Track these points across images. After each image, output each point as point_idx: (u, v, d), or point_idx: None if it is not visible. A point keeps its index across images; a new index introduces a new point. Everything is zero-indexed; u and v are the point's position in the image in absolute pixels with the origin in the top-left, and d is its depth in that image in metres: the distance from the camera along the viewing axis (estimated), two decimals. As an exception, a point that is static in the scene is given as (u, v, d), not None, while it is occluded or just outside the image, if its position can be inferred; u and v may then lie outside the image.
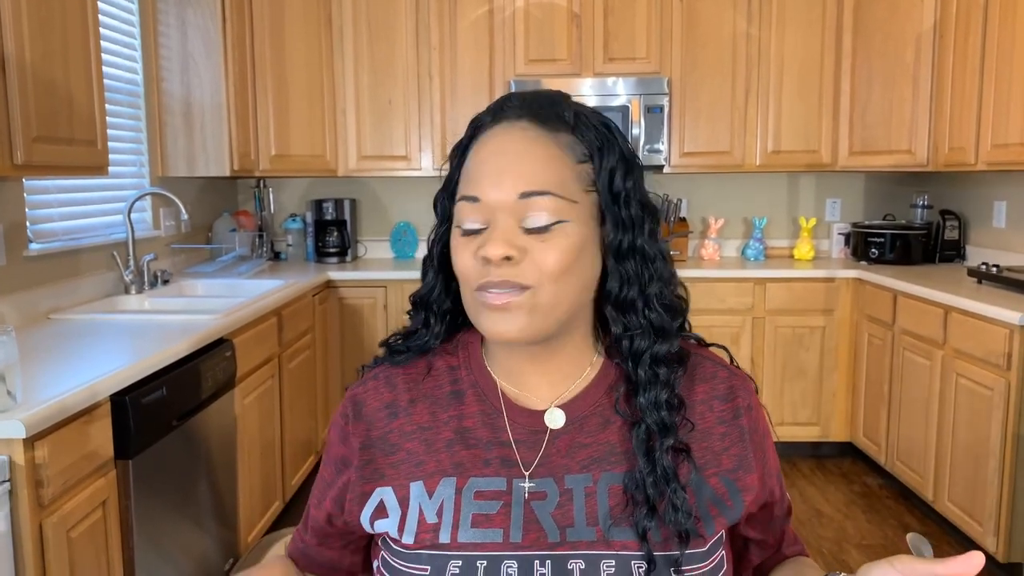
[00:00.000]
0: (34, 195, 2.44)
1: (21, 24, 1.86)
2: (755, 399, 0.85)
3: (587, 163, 0.77)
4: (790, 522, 0.91)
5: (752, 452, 0.81)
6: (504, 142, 0.76)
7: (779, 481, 0.88)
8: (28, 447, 1.46)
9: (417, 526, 0.76)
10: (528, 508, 0.76)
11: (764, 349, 3.65)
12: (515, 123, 0.77)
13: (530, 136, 0.76)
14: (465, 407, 0.82)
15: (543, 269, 0.73)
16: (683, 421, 0.78)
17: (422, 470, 0.79)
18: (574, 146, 0.77)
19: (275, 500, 2.91)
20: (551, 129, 0.76)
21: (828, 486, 3.45)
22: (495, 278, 0.73)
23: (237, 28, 3.42)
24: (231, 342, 2.41)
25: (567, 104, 0.79)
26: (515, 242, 0.73)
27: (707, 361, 0.85)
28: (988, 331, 2.59)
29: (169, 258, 3.36)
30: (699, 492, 0.78)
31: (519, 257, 0.73)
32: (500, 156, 0.75)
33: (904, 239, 3.71)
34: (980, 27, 3.05)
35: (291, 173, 3.89)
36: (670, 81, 3.75)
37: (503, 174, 0.74)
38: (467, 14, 3.76)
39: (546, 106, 0.78)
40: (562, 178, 0.75)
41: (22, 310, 2.32)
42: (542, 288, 0.74)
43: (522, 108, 0.78)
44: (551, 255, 0.73)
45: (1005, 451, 2.52)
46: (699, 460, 0.79)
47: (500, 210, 0.74)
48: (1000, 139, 2.92)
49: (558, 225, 0.74)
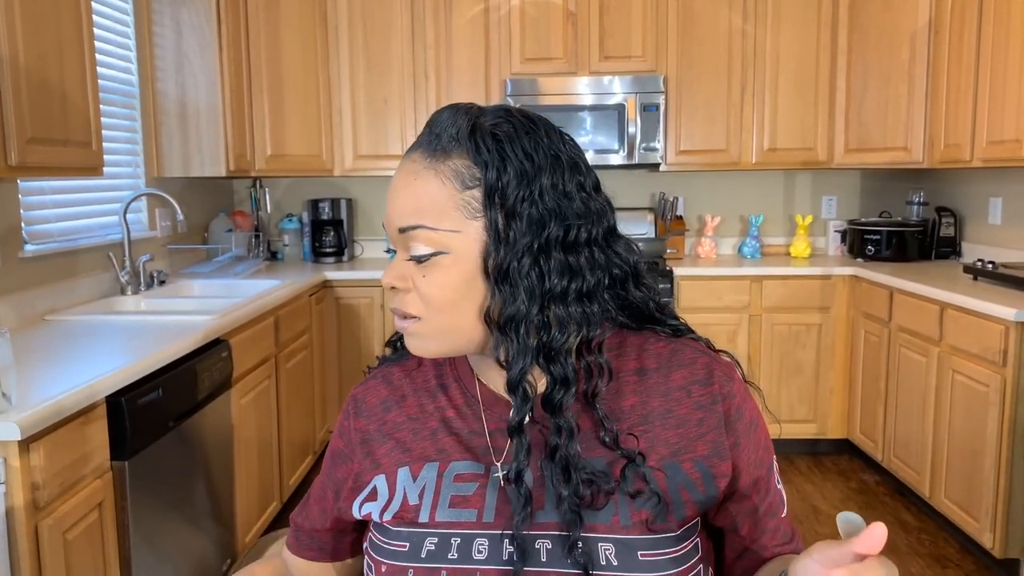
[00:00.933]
0: (29, 196, 2.44)
1: (15, 25, 1.85)
2: (738, 386, 0.84)
3: (477, 188, 0.75)
4: (781, 517, 0.87)
5: (729, 439, 0.81)
6: (397, 175, 0.79)
7: (768, 473, 0.85)
8: (24, 449, 1.45)
9: (400, 507, 0.81)
10: (502, 491, 0.79)
11: (761, 347, 3.65)
12: (411, 154, 0.79)
13: (415, 169, 0.77)
14: (449, 399, 0.86)
15: (425, 302, 0.77)
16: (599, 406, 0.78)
17: (408, 456, 0.84)
18: (463, 172, 0.76)
19: (272, 500, 2.91)
20: (439, 158, 0.76)
21: (825, 483, 3.46)
22: (392, 304, 0.80)
23: (232, 28, 3.41)
24: (228, 343, 2.41)
25: (468, 125, 0.77)
26: (403, 272, 0.77)
27: (688, 348, 0.85)
28: (984, 328, 2.59)
29: (165, 259, 3.35)
30: (672, 476, 0.79)
31: (405, 288, 0.78)
32: (391, 190, 0.79)
33: (900, 236, 3.72)
34: (975, 23, 3.06)
35: (287, 173, 3.89)
36: (666, 79, 3.75)
37: (390, 208, 0.78)
38: (463, 12, 3.76)
39: (444, 132, 0.77)
40: (440, 209, 0.75)
41: (18, 311, 2.32)
42: (429, 319, 0.77)
43: (425, 137, 0.79)
44: (430, 288, 0.76)
45: (1001, 447, 2.53)
46: (675, 446, 0.80)
47: (394, 241, 0.79)
48: (995, 136, 2.93)
49: (436, 257, 0.75)
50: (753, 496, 0.84)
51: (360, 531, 0.94)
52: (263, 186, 4.09)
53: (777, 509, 0.87)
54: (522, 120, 0.78)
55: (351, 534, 0.94)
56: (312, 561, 0.95)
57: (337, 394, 3.73)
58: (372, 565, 0.82)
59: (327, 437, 3.69)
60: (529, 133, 0.77)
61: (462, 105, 0.80)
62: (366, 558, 0.85)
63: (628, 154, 3.74)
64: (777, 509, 0.87)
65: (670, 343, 0.85)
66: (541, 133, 0.78)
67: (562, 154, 0.78)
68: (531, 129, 0.78)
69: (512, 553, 0.76)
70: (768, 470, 0.86)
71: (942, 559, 2.79)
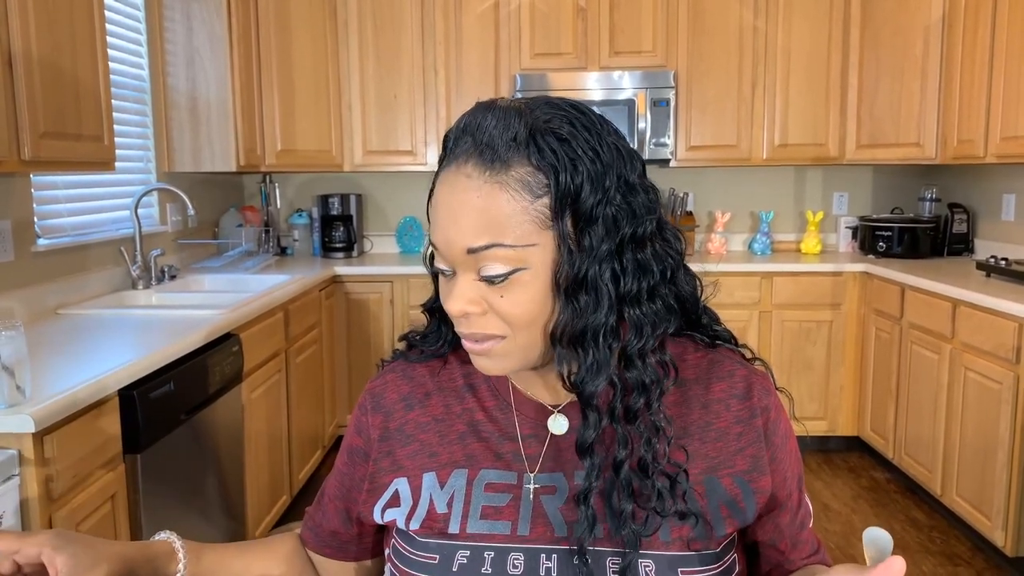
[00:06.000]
0: (42, 191, 2.45)
1: (28, 20, 1.86)
2: (775, 399, 0.82)
3: (544, 198, 0.69)
4: (809, 529, 0.87)
5: (767, 453, 0.79)
6: (450, 192, 0.71)
7: (799, 485, 0.84)
8: (38, 441, 1.46)
9: (426, 514, 0.78)
10: (537, 502, 0.76)
11: (771, 343, 3.64)
12: (461, 168, 0.71)
13: (474, 185, 0.69)
14: (478, 400, 0.83)
15: (508, 321, 0.71)
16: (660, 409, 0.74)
17: (435, 461, 0.80)
18: (530, 181, 0.69)
19: (282, 494, 2.92)
20: (500, 169, 0.69)
21: (835, 480, 3.45)
22: (464, 329, 0.73)
23: (242, 23, 3.42)
24: (238, 337, 2.42)
25: (524, 128, 0.70)
26: (474, 295, 0.71)
27: (725, 360, 0.82)
28: (997, 325, 2.57)
29: (176, 253, 3.37)
30: (711, 492, 0.77)
31: (480, 310, 0.72)
32: (446, 209, 0.71)
33: (912, 233, 3.69)
34: (989, 18, 3.03)
35: (297, 168, 3.90)
36: (676, 74, 3.73)
37: (449, 229, 0.71)
38: (473, 8, 3.75)
39: (497, 139, 0.70)
40: (513, 224, 0.69)
41: (30, 305, 2.33)
42: (515, 337, 0.72)
43: (472, 147, 0.71)
44: (512, 308, 0.71)
45: (1014, 445, 2.51)
46: (714, 460, 0.78)
47: (457, 263, 0.72)
48: (1009, 131, 2.91)
49: (515, 274, 0.70)
50: (787, 509, 0.83)
51: (381, 531, 0.90)
52: (273, 181, 4.10)
53: (806, 521, 0.86)
54: (576, 113, 0.72)
55: (371, 536, 0.90)
56: (330, 559, 0.92)
57: (347, 389, 3.74)
58: (397, 575, 0.79)
59: (337, 432, 3.69)
60: (588, 128, 0.71)
61: (502, 104, 0.72)
62: (389, 566, 0.82)
63: (638, 149, 3.72)
64: (806, 521, 0.86)
65: (707, 353, 0.83)
66: (598, 125, 0.72)
67: (620, 145, 0.73)
68: (588, 123, 0.72)
69: (550, 569, 0.74)
70: (799, 480, 0.85)
71: (953, 557, 2.78)
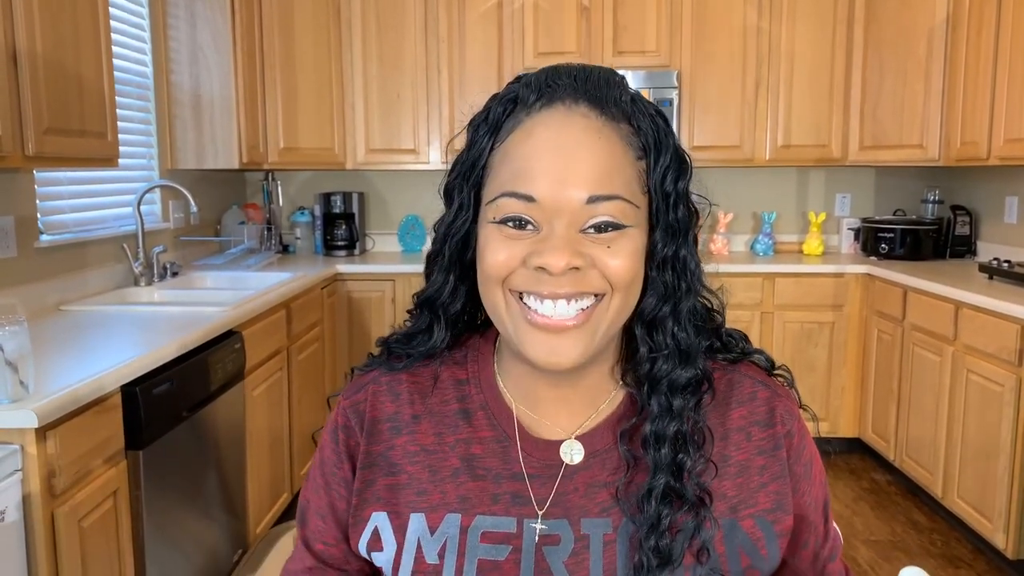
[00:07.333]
0: (45, 187, 2.45)
1: (32, 16, 1.86)
2: (799, 422, 0.74)
3: (643, 160, 0.67)
4: (838, 559, 0.80)
5: (791, 483, 0.72)
6: (563, 133, 0.64)
7: (824, 514, 0.77)
8: (40, 437, 1.46)
9: (414, 564, 0.69)
10: (540, 555, 0.68)
11: (773, 344, 3.63)
12: (573, 108, 0.65)
13: (594, 127, 0.64)
14: (474, 430, 0.73)
15: (612, 279, 0.65)
16: (701, 458, 0.67)
17: (425, 501, 0.71)
18: (631, 139, 0.66)
19: (283, 492, 2.92)
20: (611, 117, 0.66)
21: (836, 482, 3.44)
22: (559, 289, 0.64)
23: (246, 20, 3.42)
24: (240, 334, 2.42)
25: (624, 87, 0.68)
26: (579, 249, 0.64)
27: (746, 379, 0.74)
28: (999, 327, 2.57)
29: (178, 250, 3.37)
30: (729, 537, 0.69)
31: (586, 264, 0.64)
32: (560, 151, 0.63)
33: (914, 234, 3.69)
34: (994, 20, 3.03)
35: (299, 166, 3.90)
36: (679, 74, 3.73)
37: (567, 173, 0.63)
38: (476, 6, 3.75)
39: (603, 88, 0.66)
40: (627, 178, 0.65)
41: (33, 301, 2.33)
42: (612, 298, 0.65)
43: (578, 89, 0.66)
44: (621, 263, 0.64)
45: (1015, 447, 2.51)
46: (733, 500, 0.70)
47: (561, 213, 0.64)
48: (1013, 133, 2.90)
49: (626, 230, 0.65)
50: (811, 544, 0.76)
51: None
52: (275, 179, 4.10)
53: (837, 552, 0.80)
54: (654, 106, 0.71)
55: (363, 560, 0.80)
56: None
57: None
58: None
59: (337, 430, 3.69)
60: (668, 123, 0.70)
61: (596, 67, 0.69)
62: None
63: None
64: (837, 552, 0.80)
65: (726, 373, 0.74)
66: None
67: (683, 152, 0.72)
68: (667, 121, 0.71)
69: None
70: (826, 507, 0.77)
71: (954, 560, 2.77)
